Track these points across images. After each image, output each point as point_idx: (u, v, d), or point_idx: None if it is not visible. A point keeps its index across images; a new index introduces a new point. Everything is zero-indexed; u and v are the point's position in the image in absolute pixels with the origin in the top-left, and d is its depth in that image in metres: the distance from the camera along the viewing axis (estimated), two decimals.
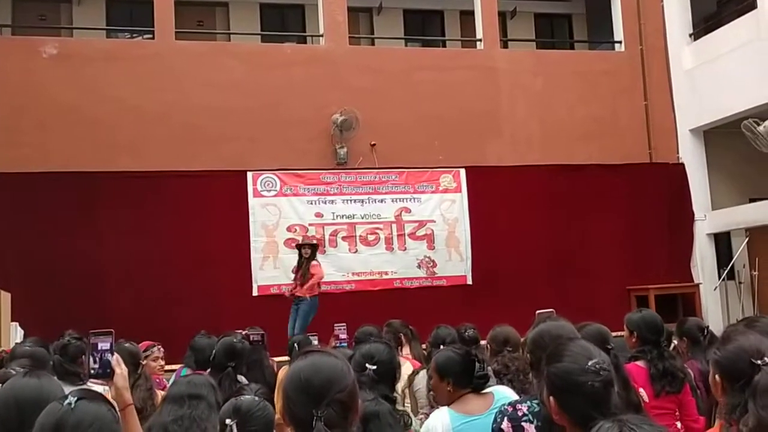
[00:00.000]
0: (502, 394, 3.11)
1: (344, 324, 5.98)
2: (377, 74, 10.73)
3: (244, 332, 4.43)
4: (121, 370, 2.47)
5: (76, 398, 1.89)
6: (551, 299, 8.44)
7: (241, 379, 3.80)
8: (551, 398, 2.03)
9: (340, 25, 10.89)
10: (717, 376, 2.29)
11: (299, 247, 9.13)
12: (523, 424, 2.38)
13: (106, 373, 2.50)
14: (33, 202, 9.15)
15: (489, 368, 3.46)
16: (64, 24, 12.28)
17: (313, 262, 8.86)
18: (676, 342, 4.63)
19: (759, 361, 2.16)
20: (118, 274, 9.26)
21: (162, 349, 5.30)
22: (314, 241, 9.35)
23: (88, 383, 3.88)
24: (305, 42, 12.19)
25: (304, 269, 8.82)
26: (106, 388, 3.69)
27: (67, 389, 2.24)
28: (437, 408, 3.29)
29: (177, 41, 10.37)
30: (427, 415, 3.61)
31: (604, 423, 1.41)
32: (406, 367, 4.55)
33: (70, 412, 1.85)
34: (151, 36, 10.57)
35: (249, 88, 10.22)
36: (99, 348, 2.50)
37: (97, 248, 9.25)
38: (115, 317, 7.66)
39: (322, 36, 10.98)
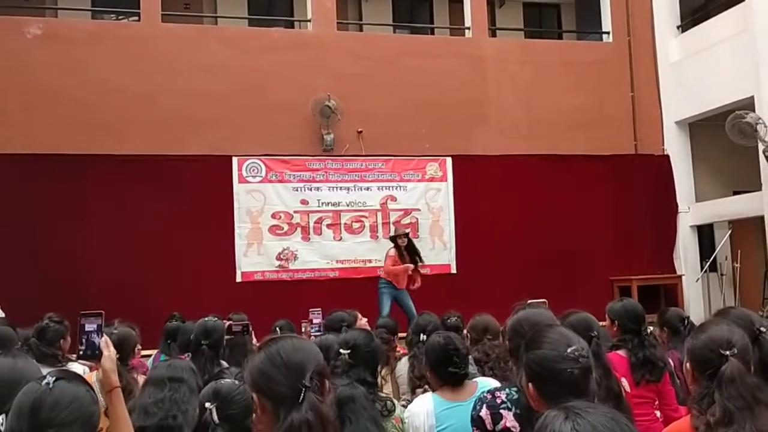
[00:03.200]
0: (486, 383, 3.14)
1: (319, 309, 5.99)
2: (365, 60, 10.69)
3: (227, 322, 4.42)
4: (109, 352, 2.45)
5: (54, 378, 1.88)
6: (535, 289, 8.45)
7: (223, 363, 3.79)
8: (530, 385, 2.03)
9: (328, 11, 10.82)
10: (688, 365, 2.32)
11: (394, 238, 9.18)
12: (501, 411, 2.38)
13: (94, 355, 2.49)
14: (16, 183, 9.07)
15: (471, 361, 3.47)
16: (49, 4, 12.10)
17: (390, 253, 9.08)
18: (656, 330, 4.66)
19: (727, 352, 2.19)
20: (101, 258, 9.19)
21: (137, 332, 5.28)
22: (407, 230, 9.52)
23: (68, 365, 3.88)
24: (293, 27, 12.10)
25: (412, 257, 9.01)
26: (86, 369, 3.69)
27: (45, 371, 2.22)
28: (418, 395, 3.32)
29: (163, 24, 10.27)
30: (409, 401, 3.62)
31: (550, 411, 1.40)
32: None
33: (48, 392, 1.84)
34: (137, 18, 10.45)
35: (235, 72, 10.15)
36: (86, 329, 2.49)
37: (80, 231, 9.18)
38: (97, 301, 7.52)
39: (309, 21, 10.92)
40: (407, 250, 9.06)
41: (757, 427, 2.09)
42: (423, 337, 4.34)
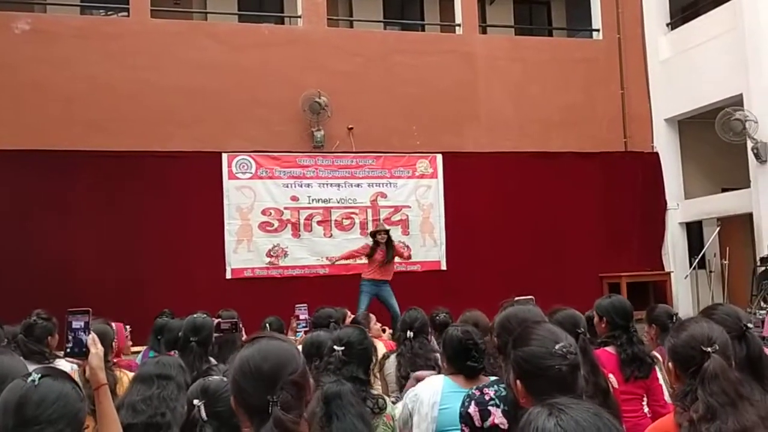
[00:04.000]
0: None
1: (305, 304, 5.99)
2: (355, 57, 10.67)
3: (216, 320, 4.40)
4: (96, 349, 2.44)
5: (40, 375, 1.87)
6: (525, 285, 8.42)
7: (211, 360, 3.78)
8: (518, 382, 2.03)
9: (318, 7, 10.80)
10: (671, 364, 2.33)
11: (374, 234, 9.21)
12: (489, 408, 2.39)
13: (81, 352, 2.48)
14: (3, 179, 9.01)
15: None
16: (37, 0, 12.02)
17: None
18: (644, 327, 4.68)
19: (709, 348, 2.20)
20: (90, 255, 9.15)
21: (129, 328, 5.28)
22: (388, 228, 9.56)
23: (56, 362, 3.85)
24: (283, 23, 12.06)
25: (388, 253, 9.03)
26: (74, 366, 3.67)
27: (32, 368, 2.20)
28: (406, 393, 3.33)
29: (152, 19, 10.22)
30: (398, 398, 3.62)
31: (534, 408, 1.41)
32: (379, 347, 4.54)
33: (33, 389, 1.83)
34: (126, 13, 10.39)
35: (225, 68, 10.12)
36: (73, 326, 2.48)
37: (69, 228, 9.14)
38: (86, 298, 7.51)
39: (300, 17, 10.89)
40: (386, 246, 9.08)
41: (739, 423, 2.10)
42: (410, 333, 4.32)
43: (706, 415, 2.12)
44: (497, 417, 2.37)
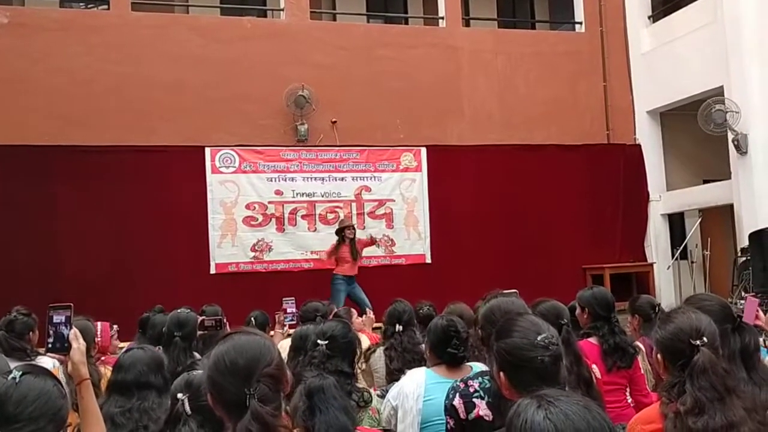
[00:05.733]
0: (479, 367, 3.17)
1: (293, 298, 5.97)
2: (338, 50, 10.64)
3: (201, 318, 4.39)
4: (78, 344, 2.42)
5: (21, 373, 1.86)
6: (509, 278, 8.57)
7: (195, 354, 3.77)
8: (501, 373, 2.04)
9: (301, 0, 10.74)
10: (659, 355, 2.33)
11: (341, 231, 9.25)
12: (474, 400, 2.41)
13: (63, 347, 2.45)
14: None
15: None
16: None
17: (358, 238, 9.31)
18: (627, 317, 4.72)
19: (698, 341, 2.20)
20: (72, 251, 9.08)
21: (117, 328, 5.25)
22: (353, 223, 9.64)
23: (38, 359, 3.83)
24: (265, 16, 12.00)
25: (353, 249, 9.11)
26: (56, 363, 3.64)
27: (14, 365, 2.19)
28: (393, 385, 3.34)
29: (133, 12, 10.12)
30: (385, 391, 3.62)
31: (522, 399, 1.41)
32: (363, 340, 4.54)
33: (14, 387, 1.82)
34: (106, 6, 10.28)
35: (207, 61, 10.05)
36: (54, 321, 2.45)
37: (50, 224, 9.06)
38: (68, 293, 7.44)
39: (282, 10, 10.83)
40: (351, 243, 9.18)
41: (727, 418, 2.11)
42: (399, 327, 4.33)
43: (693, 409, 2.12)
44: (482, 409, 2.39)
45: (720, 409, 2.11)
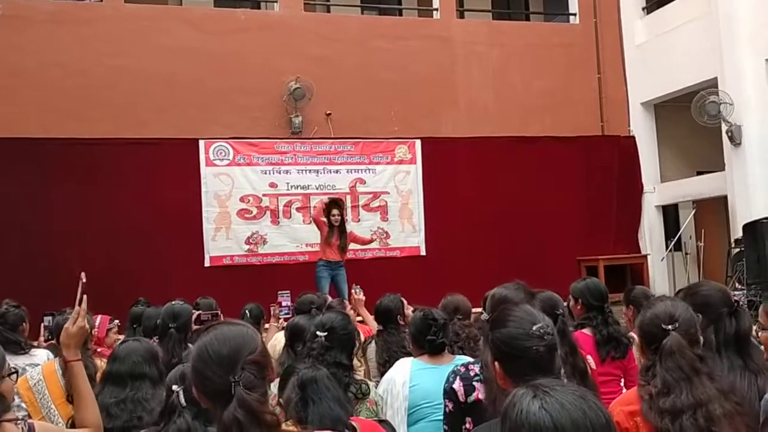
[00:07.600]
0: (463, 359, 3.27)
1: (288, 291, 5.98)
2: (333, 42, 10.61)
3: (196, 312, 4.38)
4: (70, 325, 2.46)
5: None
6: (503, 270, 8.53)
7: (190, 346, 3.76)
8: (496, 363, 2.04)
9: None
10: (639, 340, 2.47)
11: (329, 209, 8.59)
12: (474, 383, 2.48)
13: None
14: None
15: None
16: None
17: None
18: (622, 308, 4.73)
19: (669, 327, 2.30)
20: (66, 244, 9.04)
21: (117, 322, 5.24)
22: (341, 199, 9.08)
23: (32, 352, 3.83)
24: (259, 7, 11.94)
25: (342, 239, 8.61)
26: (50, 355, 3.64)
27: (9, 358, 2.18)
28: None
29: (126, 4, 10.07)
30: (379, 383, 3.63)
31: (518, 389, 1.41)
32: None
33: None
34: None
35: (201, 54, 10.01)
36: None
37: (43, 217, 9.02)
38: (62, 288, 7.46)
39: (276, 2, 10.80)
40: (338, 230, 8.63)
41: (694, 396, 2.20)
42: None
43: (662, 389, 2.24)
44: (481, 392, 2.43)
45: (687, 389, 2.21)
